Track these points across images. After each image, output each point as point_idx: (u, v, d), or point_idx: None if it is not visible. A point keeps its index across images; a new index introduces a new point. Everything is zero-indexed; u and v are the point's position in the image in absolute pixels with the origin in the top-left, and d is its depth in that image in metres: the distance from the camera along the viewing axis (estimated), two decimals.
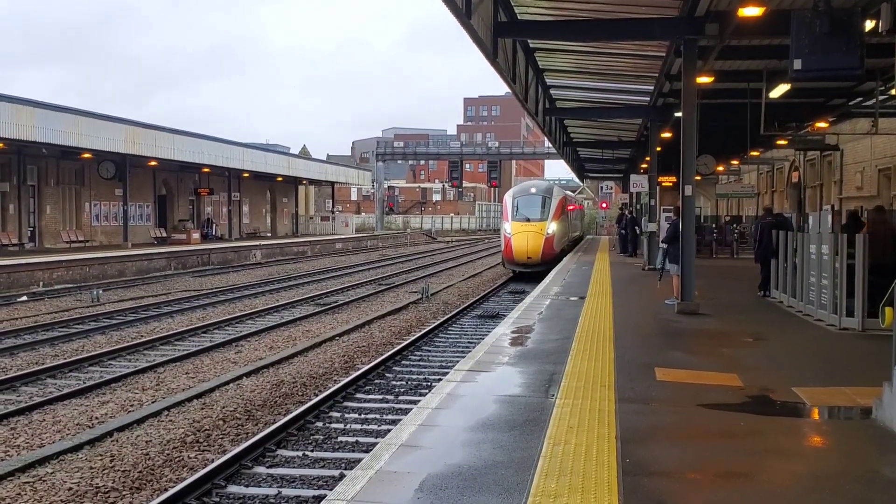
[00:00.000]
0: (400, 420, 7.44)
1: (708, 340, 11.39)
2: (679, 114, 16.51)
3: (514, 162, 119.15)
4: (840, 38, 8.48)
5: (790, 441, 6.48)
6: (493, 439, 6.22)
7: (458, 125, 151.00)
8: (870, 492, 5.30)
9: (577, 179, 76.40)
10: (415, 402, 8.49)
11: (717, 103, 22.32)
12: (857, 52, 8.44)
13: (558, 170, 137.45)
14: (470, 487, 5.15)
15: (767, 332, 12.26)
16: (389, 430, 7.24)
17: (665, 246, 16.12)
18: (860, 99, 22.97)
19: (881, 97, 19.95)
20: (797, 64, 8.48)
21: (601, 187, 64.45)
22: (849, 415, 7.57)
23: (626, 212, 37.89)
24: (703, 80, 16.39)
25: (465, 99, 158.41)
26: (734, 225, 36.27)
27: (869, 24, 10.66)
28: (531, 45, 19.38)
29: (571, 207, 47.13)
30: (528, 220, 30.65)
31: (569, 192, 44.18)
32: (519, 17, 15.92)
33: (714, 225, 35.49)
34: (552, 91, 25.21)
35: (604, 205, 71.67)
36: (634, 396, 7.71)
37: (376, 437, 8.81)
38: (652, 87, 21.84)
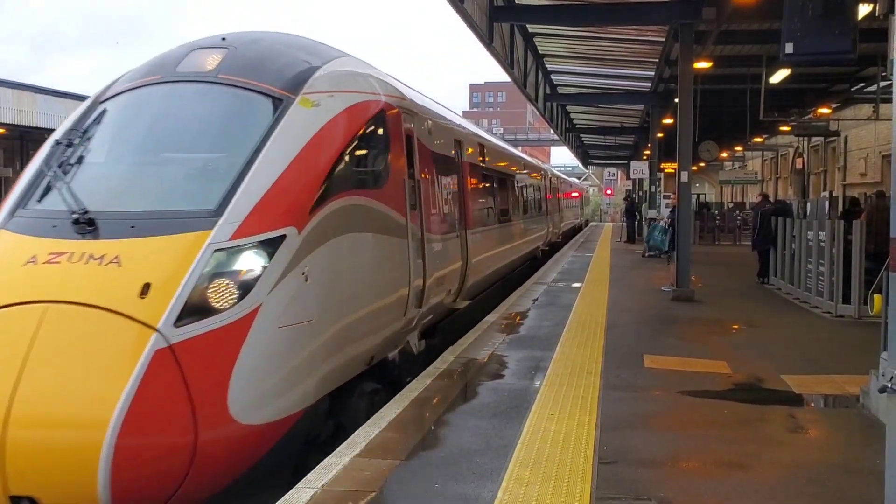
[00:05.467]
0: None
1: (700, 327, 11.32)
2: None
3: (519, 148, 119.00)
4: (833, 21, 8.35)
5: (773, 429, 6.42)
6: (472, 426, 6.18)
7: (463, 111, 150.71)
8: (850, 480, 5.25)
9: (581, 166, 76.22)
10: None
11: (718, 89, 22.21)
12: (850, 35, 8.30)
13: (565, 157, 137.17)
14: (444, 475, 5.11)
15: (762, 319, 12.18)
16: None
17: (671, 230, 16.11)
18: (862, 84, 22.80)
19: (883, 83, 19.77)
20: (788, 48, 8.34)
21: (605, 174, 64.34)
22: (835, 403, 7.51)
23: (624, 199, 37.65)
24: (702, 65, 16.28)
25: (470, 85, 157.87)
26: (737, 211, 36.11)
27: (866, 9, 10.54)
28: (530, 30, 19.25)
29: (563, 189, 30.03)
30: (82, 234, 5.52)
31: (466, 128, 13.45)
32: (516, 1, 15.80)
33: (717, 212, 35.26)
34: (553, 77, 25.09)
35: (608, 191, 71.54)
36: (620, 384, 7.65)
37: None
38: (653, 73, 21.72)
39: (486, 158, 13.88)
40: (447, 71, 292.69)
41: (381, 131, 7.44)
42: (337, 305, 6.18)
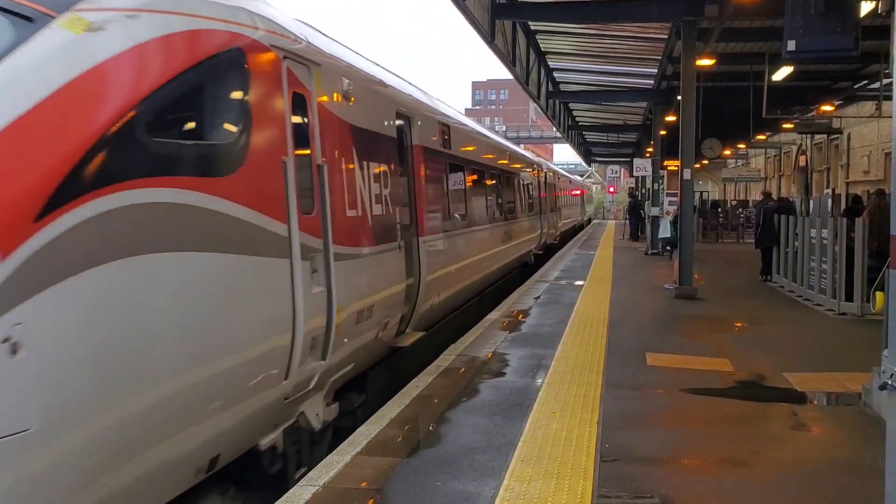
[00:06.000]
0: None
1: (703, 325, 11.32)
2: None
3: (521, 146, 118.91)
4: (835, 18, 8.32)
5: (775, 427, 6.42)
6: (474, 423, 6.18)
7: (465, 109, 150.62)
8: (851, 479, 5.25)
9: (584, 163, 76.22)
10: None
11: (721, 86, 22.19)
12: (852, 33, 8.27)
13: (568, 154, 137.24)
14: (445, 472, 5.11)
15: (764, 316, 12.18)
16: None
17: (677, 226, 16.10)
18: (865, 82, 22.76)
19: (885, 80, 19.73)
20: (791, 45, 8.32)
21: (608, 171, 64.34)
22: (838, 401, 7.50)
23: (629, 196, 37.54)
24: (705, 62, 16.28)
25: (473, 83, 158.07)
26: (740, 209, 36.06)
27: (869, 6, 10.51)
28: (532, 28, 19.24)
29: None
30: None
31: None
32: None
33: (720, 209, 35.19)
34: (555, 74, 25.08)
35: (611, 189, 71.54)
36: (622, 382, 7.65)
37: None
38: (655, 70, 21.68)
39: (454, 144, 10.87)
40: (451, 72, 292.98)
41: (235, 80, 4.64)
42: (100, 388, 3.44)
